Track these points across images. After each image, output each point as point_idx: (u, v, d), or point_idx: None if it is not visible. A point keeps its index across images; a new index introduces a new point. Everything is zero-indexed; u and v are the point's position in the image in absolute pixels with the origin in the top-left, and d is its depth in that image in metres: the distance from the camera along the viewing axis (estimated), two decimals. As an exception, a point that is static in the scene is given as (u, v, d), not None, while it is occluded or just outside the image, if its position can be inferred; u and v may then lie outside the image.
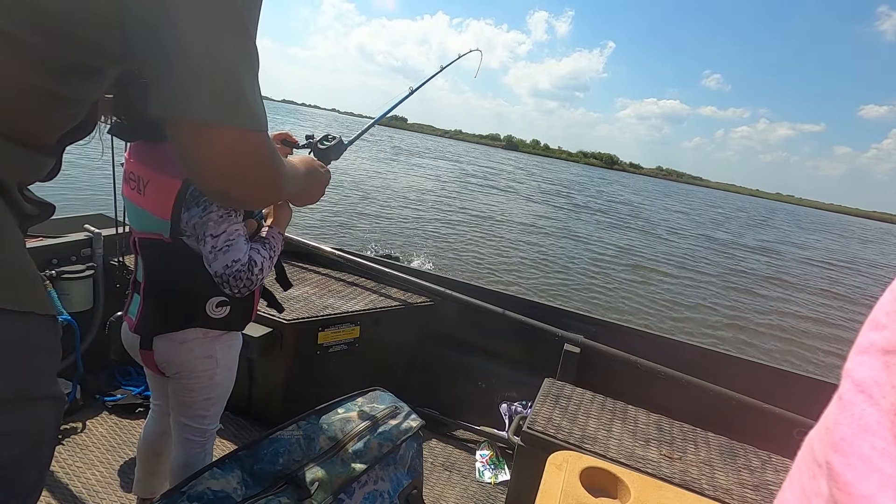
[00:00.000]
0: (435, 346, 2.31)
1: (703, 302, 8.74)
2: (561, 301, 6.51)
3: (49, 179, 0.63)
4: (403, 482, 1.18)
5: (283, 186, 0.71)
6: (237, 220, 1.01)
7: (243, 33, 0.55)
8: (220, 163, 0.58)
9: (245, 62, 0.55)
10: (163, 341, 1.10)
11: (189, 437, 1.22)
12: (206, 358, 1.13)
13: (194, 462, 1.22)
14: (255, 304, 1.19)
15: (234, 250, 0.99)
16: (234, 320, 1.14)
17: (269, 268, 1.05)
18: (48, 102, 0.54)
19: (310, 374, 1.95)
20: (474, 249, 9.56)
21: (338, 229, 9.14)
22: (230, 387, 1.24)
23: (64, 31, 0.50)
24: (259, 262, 1.02)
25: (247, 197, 0.68)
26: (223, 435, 1.86)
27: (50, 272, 1.82)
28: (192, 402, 1.18)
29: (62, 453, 1.67)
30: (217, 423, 1.25)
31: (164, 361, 1.12)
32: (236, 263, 0.98)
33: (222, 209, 0.99)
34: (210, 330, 1.11)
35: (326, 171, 1.04)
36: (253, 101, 0.56)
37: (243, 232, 1.02)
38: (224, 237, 0.99)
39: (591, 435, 1.49)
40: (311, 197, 1.00)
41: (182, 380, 1.15)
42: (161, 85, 0.54)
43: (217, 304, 1.09)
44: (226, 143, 0.56)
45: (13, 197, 0.54)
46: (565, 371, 1.94)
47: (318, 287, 2.20)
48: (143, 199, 1.04)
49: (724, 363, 1.89)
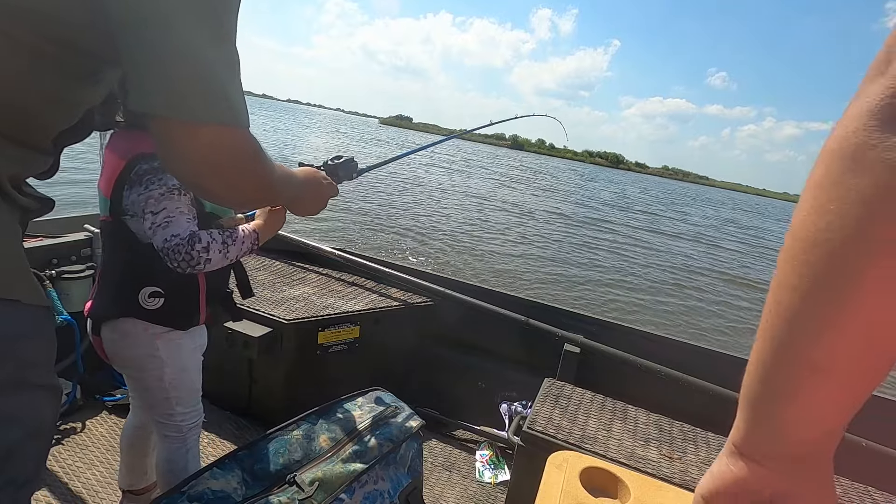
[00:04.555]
0: (435, 346, 2.31)
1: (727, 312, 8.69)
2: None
3: (46, 178, 0.64)
4: (403, 482, 1.18)
5: (272, 186, 0.71)
6: (179, 198, 1.01)
7: (221, 31, 0.55)
8: (202, 159, 0.58)
9: (224, 59, 0.56)
10: (107, 329, 1.12)
11: (166, 433, 1.21)
12: (150, 357, 1.12)
13: (176, 457, 1.22)
14: (199, 303, 1.16)
15: (174, 226, 0.99)
16: (172, 316, 1.12)
17: (219, 253, 1.02)
18: (46, 102, 0.55)
19: (310, 374, 1.95)
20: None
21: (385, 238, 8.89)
22: (195, 386, 1.22)
23: (57, 31, 0.51)
24: (205, 240, 1.00)
25: (231, 193, 0.68)
26: (223, 435, 1.86)
27: (50, 272, 1.82)
28: (154, 401, 1.18)
29: (62, 453, 1.67)
30: (194, 419, 1.23)
31: (110, 352, 1.13)
32: (175, 238, 0.98)
33: (164, 188, 1.00)
34: (150, 325, 1.10)
35: (331, 184, 1.04)
36: (234, 98, 0.57)
37: (187, 210, 1.02)
38: (164, 214, 1.00)
39: (591, 435, 1.49)
40: (310, 205, 0.99)
41: (133, 379, 1.16)
42: (142, 81, 0.54)
43: (150, 295, 1.08)
44: (207, 140, 0.57)
45: (6, 191, 0.54)
46: (565, 371, 1.94)
47: (318, 287, 2.20)
48: (100, 181, 1.08)
49: (724, 363, 1.89)
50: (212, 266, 1.02)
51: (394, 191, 14.45)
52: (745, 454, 0.40)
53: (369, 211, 10.70)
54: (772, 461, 0.38)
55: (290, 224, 1.36)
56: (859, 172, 0.29)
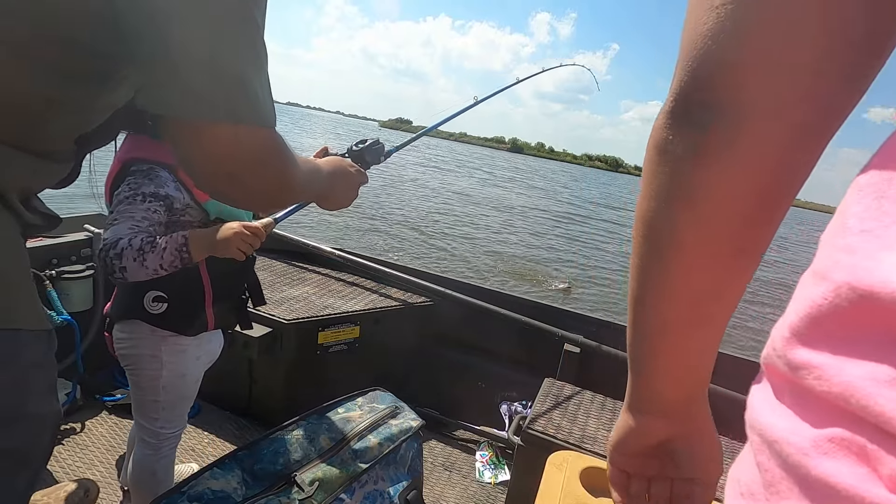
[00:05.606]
0: (435, 346, 2.31)
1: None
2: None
3: (65, 185, 0.61)
4: (403, 482, 1.18)
5: (296, 187, 0.67)
6: (137, 205, 1.00)
7: (252, 27, 0.52)
8: (221, 161, 0.55)
9: (254, 58, 0.52)
10: (118, 328, 1.14)
11: (143, 436, 1.21)
12: (151, 357, 1.12)
13: (146, 463, 1.21)
14: (205, 308, 1.15)
15: (112, 229, 0.98)
16: (177, 321, 1.12)
17: (134, 261, 0.96)
18: (49, 108, 0.51)
19: (310, 374, 1.95)
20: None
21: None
22: (186, 395, 1.21)
23: (63, 33, 0.48)
24: (119, 246, 0.95)
25: (251, 198, 0.65)
26: (223, 435, 1.86)
27: (50, 272, 1.81)
28: (142, 400, 1.18)
29: (62, 453, 1.67)
30: (173, 430, 1.22)
31: (118, 349, 1.15)
32: (104, 241, 0.97)
33: (131, 191, 1.00)
34: (156, 328, 1.10)
35: (359, 171, 0.96)
36: (262, 97, 0.53)
37: (139, 218, 0.99)
38: (113, 217, 1.00)
39: (591, 435, 1.49)
40: (341, 199, 0.92)
41: (131, 375, 1.16)
42: (164, 84, 0.51)
43: (153, 299, 1.09)
44: (231, 141, 0.53)
45: (12, 206, 0.52)
46: (565, 371, 1.94)
47: (318, 287, 2.20)
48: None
49: (724, 363, 1.88)
50: (131, 274, 0.96)
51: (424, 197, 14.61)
52: (633, 407, 0.46)
53: (367, 209, 10.78)
54: (652, 410, 0.44)
55: (290, 224, 1.35)
56: (664, 161, 0.35)
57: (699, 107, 0.32)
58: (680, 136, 0.33)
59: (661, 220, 0.36)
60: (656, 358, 0.42)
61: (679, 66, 0.33)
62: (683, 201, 0.34)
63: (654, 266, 0.38)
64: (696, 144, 0.33)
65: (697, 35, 0.31)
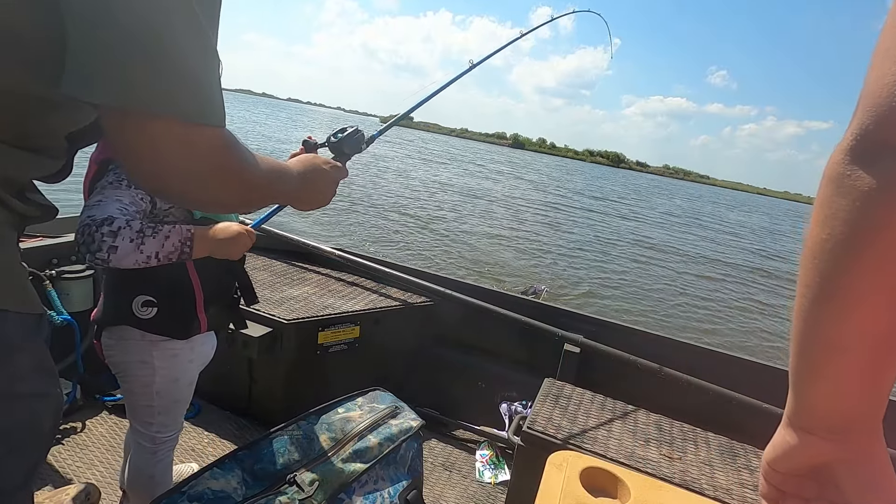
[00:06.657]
0: (435, 346, 2.31)
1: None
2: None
3: (57, 181, 0.62)
4: (403, 482, 1.18)
5: (257, 187, 0.63)
6: (124, 190, 0.96)
7: (197, 25, 0.49)
8: (163, 161, 0.51)
9: (194, 43, 0.49)
10: (106, 335, 1.12)
11: (139, 441, 1.20)
12: (141, 363, 1.10)
13: (144, 466, 1.21)
14: (196, 311, 1.13)
15: (97, 208, 0.91)
16: (169, 325, 1.10)
17: (131, 242, 0.90)
18: (40, 106, 0.52)
19: (310, 374, 1.95)
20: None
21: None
22: (181, 398, 1.20)
23: (39, 28, 0.47)
24: (116, 224, 0.89)
25: (202, 197, 0.60)
26: (223, 435, 1.86)
27: (50, 272, 1.82)
28: (135, 406, 1.17)
29: (62, 453, 1.67)
30: (169, 434, 1.22)
31: (107, 356, 1.13)
32: (90, 218, 0.90)
33: (116, 178, 0.97)
34: (147, 333, 1.08)
35: (335, 166, 0.90)
36: (205, 90, 0.51)
37: (128, 202, 0.95)
38: (98, 197, 0.94)
39: (591, 435, 1.49)
40: (316, 198, 0.86)
41: (123, 382, 1.15)
42: (103, 71, 0.46)
43: (143, 304, 1.07)
44: (177, 139, 0.50)
45: (2, 199, 0.52)
46: (565, 371, 1.94)
47: (318, 287, 2.20)
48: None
49: (725, 363, 1.89)
50: (119, 256, 0.90)
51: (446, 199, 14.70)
52: (794, 424, 0.44)
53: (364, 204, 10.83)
54: (817, 431, 0.42)
55: (290, 224, 1.34)
56: (841, 194, 0.37)
57: (881, 146, 0.35)
58: (862, 172, 0.36)
59: (839, 249, 0.38)
60: (825, 379, 0.40)
61: (861, 110, 0.37)
62: (866, 231, 0.36)
63: (831, 291, 0.39)
64: (889, 182, 0.35)
65: (882, 86, 0.35)
